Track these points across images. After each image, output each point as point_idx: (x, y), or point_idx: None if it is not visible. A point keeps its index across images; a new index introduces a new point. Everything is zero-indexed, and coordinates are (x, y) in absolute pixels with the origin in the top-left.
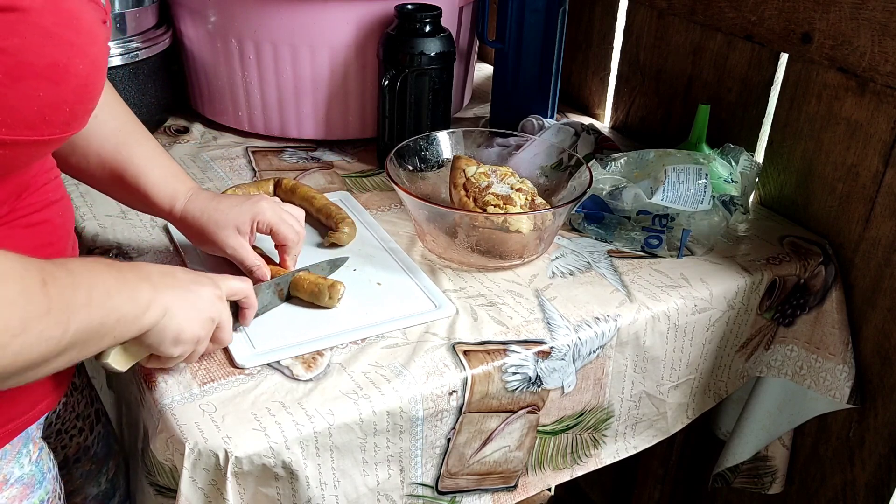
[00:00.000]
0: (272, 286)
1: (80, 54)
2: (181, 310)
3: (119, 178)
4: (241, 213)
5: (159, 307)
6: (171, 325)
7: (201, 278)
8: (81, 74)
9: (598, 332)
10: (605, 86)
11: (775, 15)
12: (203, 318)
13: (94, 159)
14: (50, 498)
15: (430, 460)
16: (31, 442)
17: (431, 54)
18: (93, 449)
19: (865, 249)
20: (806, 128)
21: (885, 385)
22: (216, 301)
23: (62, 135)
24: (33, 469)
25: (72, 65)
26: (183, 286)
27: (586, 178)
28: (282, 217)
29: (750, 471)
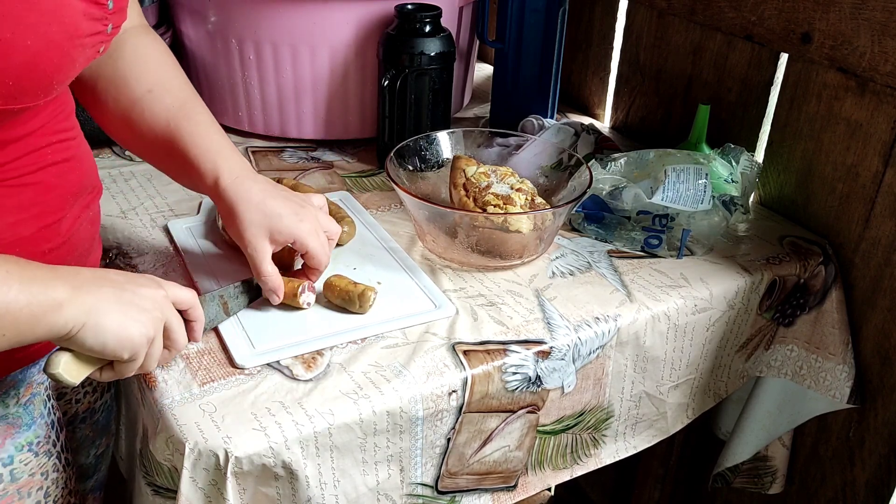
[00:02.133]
0: (216, 298)
1: (27, 31)
2: (116, 307)
3: (169, 151)
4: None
5: (78, 306)
6: (107, 323)
7: (140, 279)
8: (29, 51)
9: (598, 332)
10: (605, 86)
11: (775, 15)
12: (149, 314)
13: (148, 133)
14: (40, 442)
15: (429, 460)
16: (25, 385)
17: (431, 54)
18: (97, 415)
19: (865, 249)
20: (806, 128)
21: (885, 385)
22: (158, 298)
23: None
24: (20, 411)
25: (17, 40)
26: (115, 284)
27: (586, 178)
28: (322, 242)
29: (750, 471)
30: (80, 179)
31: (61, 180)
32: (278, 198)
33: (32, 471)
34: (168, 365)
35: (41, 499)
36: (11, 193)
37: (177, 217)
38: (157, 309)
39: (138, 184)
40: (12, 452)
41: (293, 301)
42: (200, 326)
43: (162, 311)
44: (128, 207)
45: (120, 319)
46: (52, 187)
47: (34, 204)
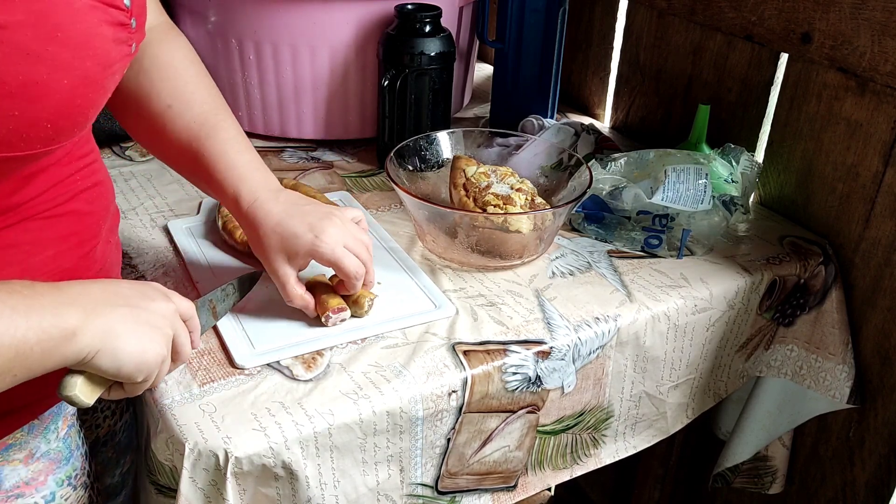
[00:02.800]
0: (206, 303)
1: (64, 70)
2: (131, 328)
3: (194, 173)
4: (297, 245)
5: (93, 331)
6: (124, 346)
7: (150, 291)
8: (64, 90)
9: (598, 332)
10: (605, 86)
11: (775, 15)
12: (161, 334)
13: (176, 148)
14: (77, 475)
15: (429, 460)
16: (62, 418)
17: (431, 54)
18: (118, 436)
19: (865, 249)
20: (806, 128)
21: (885, 385)
22: (170, 315)
23: (45, 149)
24: (60, 445)
25: (52, 81)
26: (129, 302)
27: (586, 178)
28: (344, 252)
29: (750, 471)
30: (108, 203)
31: (93, 206)
32: (296, 216)
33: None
34: None
35: None
36: (49, 225)
37: (177, 217)
38: (169, 325)
39: (138, 184)
40: (54, 489)
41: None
42: (198, 335)
43: (172, 326)
44: (128, 207)
45: (136, 342)
46: (86, 214)
47: (71, 234)
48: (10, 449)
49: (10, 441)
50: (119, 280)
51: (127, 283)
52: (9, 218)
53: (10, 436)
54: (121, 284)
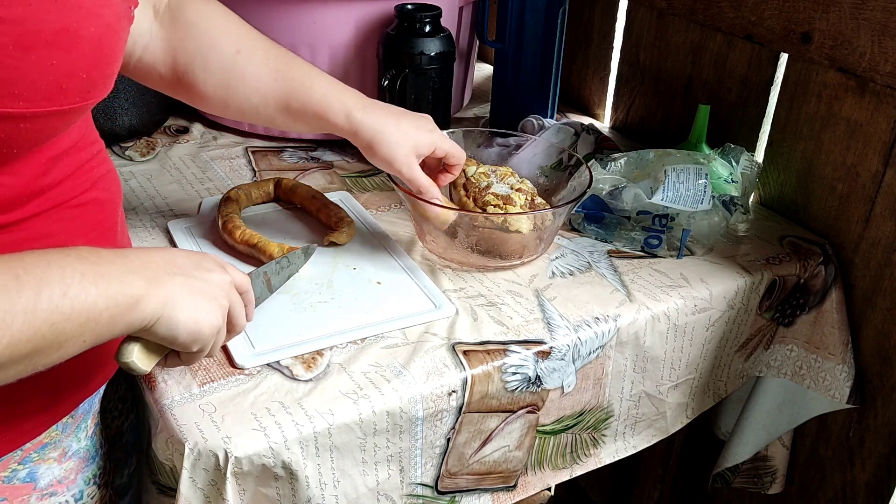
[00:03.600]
0: (261, 276)
1: (89, 17)
2: (188, 299)
3: (286, 106)
4: (421, 136)
5: (156, 301)
6: (181, 316)
7: (206, 262)
8: (93, 38)
9: (598, 332)
10: (605, 86)
11: (775, 15)
12: (219, 304)
13: (255, 96)
14: (101, 474)
15: (429, 460)
16: (91, 416)
17: (431, 54)
18: (126, 436)
19: (865, 249)
20: (806, 128)
21: (885, 385)
22: (225, 285)
23: (82, 103)
24: (88, 444)
25: (82, 28)
26: (187, 272)
27: (586, 178)
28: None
29: (750, 471)
30: (119, 190)
31: (109, 193)
32: (406, 116)
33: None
34: None
35: None
36: (78, 214)
37: (177, 217)
38: (225, 296)
39: (138, 184)
40: (82, 487)
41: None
42: (252, 308)
43: (228, 297)
44: (128, 207)
45: (191, 312)
46: (106, 201)
47: (97, 222)
48: (46, 448)
49: (47, 440)
50: (176, 249)
51: (184, 253)
52: (41, 203)
53: (46, 434)
54: (178, 254)
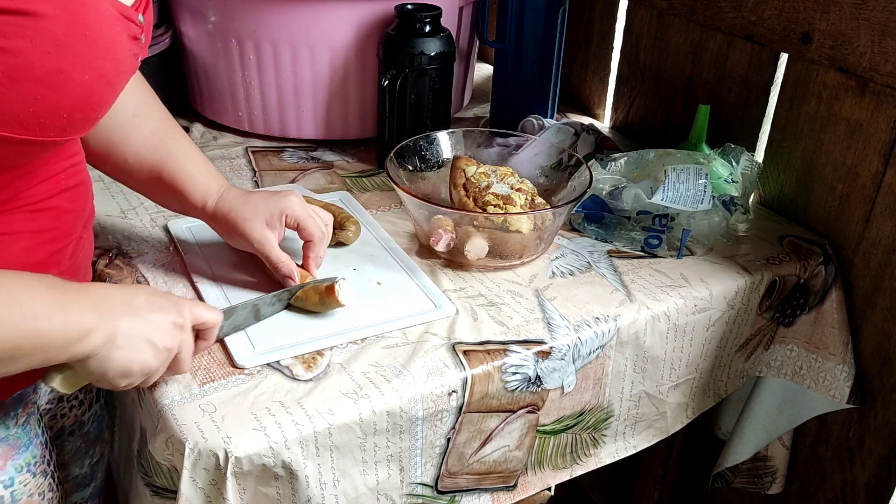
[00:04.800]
0: (249, 307)
1: (86, 66)
2: (131, 339)
3: (157, 178)
4: (270, 206)
5: (102, 335)
6: (116, 356)
7: (163, 303)
8: (85, 84)
9: (598, 331)
10: (605, 86)
11: (775, 15)
12: (157, 348)
13: (133, 158)
14: (37, 462)
15: (429, 460)
16: (22, 406)
17: (431, 54)
18: (87, 426)
19: (865, 249)
20: (806, 128)
21: (885, 385)
22: (174, 330)
23: (57, 138)
24: (19, 432)
25: (76, 74)
26: (137, 313)
27: (586, 178)
28: (309, 213)
29: (750, 471)
30: (86, 202)
31: (73, 205)
32: (257, 192)
33: (31, 491)
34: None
35: None
36: (29, 219)
37: (177, 217)
38: (171, 340)
39: None
40: (13, 474)
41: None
42: (205, 345)
43: (174, 342)
44: (128, 207)
45: (127, 354)
46: (65, 212)
47: (48, 229)
48: None
49: None
50: (141, 288)
51: (146, 293)
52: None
53: None
54: (138, 294)
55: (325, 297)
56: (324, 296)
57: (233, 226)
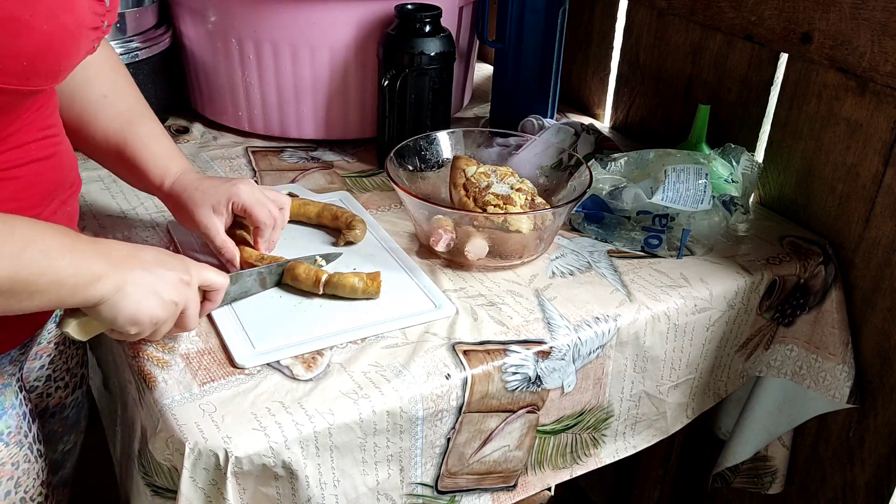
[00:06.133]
0: (254, 274)
1: (46, 15)
2: (139, 289)
3: (120, 154)
4: (218, 193)
5: (112, 283)
6: (125, 304)
7: (171, 261)
8: (44, 33)
9: (598, 331)
10: (605, 86)
11: (775, 15)
12: (164, 300)
13: (101, 136)
14: (11, 433)
15: (429, 460)
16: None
17: (431, 54)
18: (67, 410)
19: (865, 249)
20: (806, 128)
21: (885, 385)
22: (180, 285)
23: (20, 86)
24: None
25: (35, 22)
26: (145, 267)
27: (586, 178)
28: (258, 199)
29: (750, 471)
30: (60, 177)
31: (42, 178)
32: (210, 178)
33: (3, 460)
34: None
35: (11, 488)
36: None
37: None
38: (177, 294)
39: None
40: None
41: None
42: (212, 306)
43: (181, 297)
44: (128, 207)
45: (136, 302)
46: (33, 184)
47: (13, 199)
48: None
49: None
50: (149, 247)
51: (154, 251)
52: None
53: None
54: (147, 250)
55: (367, 284)
56: (366, 282)
57: (183, 209)
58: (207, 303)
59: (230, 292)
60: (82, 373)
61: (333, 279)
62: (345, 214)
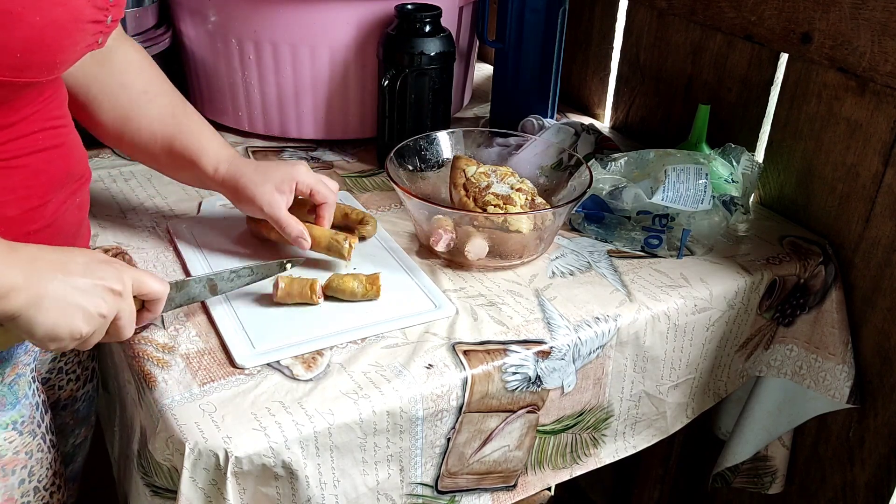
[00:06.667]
0: (203, 280)
1: (36, 8)
2: (58, 303)
3: (169, 148)
4: (281, 172)
5: (25, 296)
6: (42, 319)
7: (101, 270)
8: (35, 26)
9: (598, 331)
10: (605, 86)
11: (775, 15)
12: (89, 313)
13: (147, 132)
14: (24, 422)
15: (429, 460)
16: (11, 365)
17: (431, 54)
18: (78, 403)
19: (865, 249)
20: (806, 128)
21: (885, 385)
22: (108, 296)
23: (13, 79)
24: (5, 390)
25: (27, 15)
26: (69, 277)
27: (586, 178)
28: (318, 179)
29: (750, 471)
30: (68, 167)
31: (49, 166)
32: (266, 162)
33: (17, 449)
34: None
35: (25, 477)
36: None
37: (177, 217)
38: (105, 307)
39: (138, 184)
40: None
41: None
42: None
43: (109, 308)
44: (128, 207)
45: (54, 317)
46: (40, 172)
47: (21, 187)
48: None
49: None
50: (82, 251)
51: (86, 258)
52: None
53: None
54: (77, 258)
55: (367, 288)
56: (365, 286)
57: (242, 190)
58: (146, 313)
59: (174, 299)
60: (93, 366)
61: (333, 283)
62: (354, 211)
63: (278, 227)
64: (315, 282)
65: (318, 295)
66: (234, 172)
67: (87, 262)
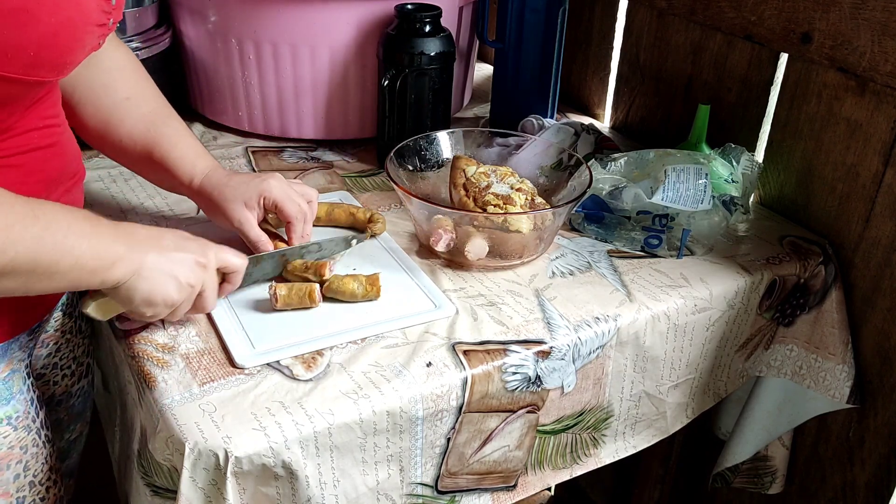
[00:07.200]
0: (276, 256)
1: (51, 7)
2: (155, 272)
3: (148, 156)
4: (249, 188)
5: (128, 266)
6: (141, 287)
7: (189, 244)
8: (50, 25)
9: (598, 331)
10: (605, 86)
11: (775, 15)
12: (180, 283)
13: (127, 138)
14: (19, 417)
15: (429, 460)
16: (5, 361)
17: (431, 54)
18: (73, 399)
19: (865, 249)
20: (806, 128)
21: (885, 385)
22: (196, 268)
23: (25, 77)
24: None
25: (42, 14)
26: (162, 251)
27: (586, 178)
28: (288, 195)
29: (750, 471)
30: (62, 165)
31: (44, 165)
32: (240, 174)
33: (12, 444)
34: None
35: (20, 472)
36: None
37: (177, 217)
38: (193, 277)
39: (138, 184)
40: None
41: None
42: (230, 288)
43: (197, 279)
44: (128, 207)
45: (151, 285)
46: (34, 171)
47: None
48: None
49: None
50: (168, 230)
51: (174, 234)
52: None
53: None
54: (167, 234)
55: (367, 290)
56: (365, 287)
57: (216, 205)
58: (227, 284)
59: (252, 274)
60: (88, 362)
61: (333, 285)
62: (360, 210)
63: (248, 243)
64: (314, 289)
65: (316, 302)
66: (207, 186)
67: (175, 238)
